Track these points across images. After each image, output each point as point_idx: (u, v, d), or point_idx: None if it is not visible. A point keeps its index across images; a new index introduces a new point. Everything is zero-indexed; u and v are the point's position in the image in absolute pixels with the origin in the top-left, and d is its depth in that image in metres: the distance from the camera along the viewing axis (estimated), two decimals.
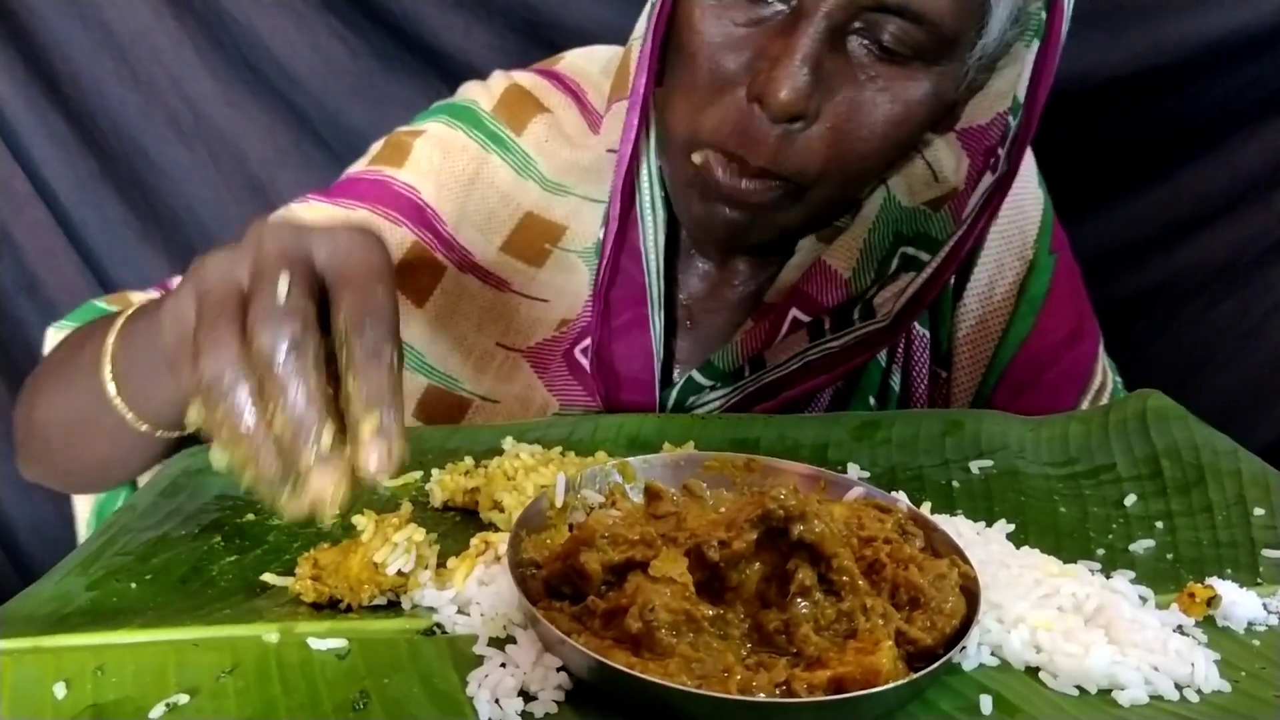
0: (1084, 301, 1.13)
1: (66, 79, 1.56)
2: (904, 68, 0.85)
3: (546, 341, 1.03)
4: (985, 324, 1.08)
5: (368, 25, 1.56)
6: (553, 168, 1.04)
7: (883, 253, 1.03)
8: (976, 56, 0.89)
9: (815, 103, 0.84)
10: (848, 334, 1.02)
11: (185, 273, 0.63)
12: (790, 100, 0.82)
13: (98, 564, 0.71)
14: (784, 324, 1.01)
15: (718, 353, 1.02)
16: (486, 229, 1.03)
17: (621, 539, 0.62)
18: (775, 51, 0.83)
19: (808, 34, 0.81)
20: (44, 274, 1.61)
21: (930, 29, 0.83)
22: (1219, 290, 1.57)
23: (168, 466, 0.87)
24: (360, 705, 0.56)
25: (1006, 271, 1.07)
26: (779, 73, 0.82)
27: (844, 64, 0.84)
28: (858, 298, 1.02)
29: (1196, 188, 1.54)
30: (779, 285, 1.03)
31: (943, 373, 1.09)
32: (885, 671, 0.54)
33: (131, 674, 0.58)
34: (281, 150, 1.61)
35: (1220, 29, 1.43)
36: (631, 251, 0.99)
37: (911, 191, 1.03)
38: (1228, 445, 0.85)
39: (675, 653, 0.56)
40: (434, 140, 1.05)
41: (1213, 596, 0.65)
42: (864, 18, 0.82)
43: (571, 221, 1.03)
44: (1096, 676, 0.58)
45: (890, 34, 0.83)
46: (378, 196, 1.03)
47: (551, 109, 1.06)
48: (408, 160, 1.05)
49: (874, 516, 0.66)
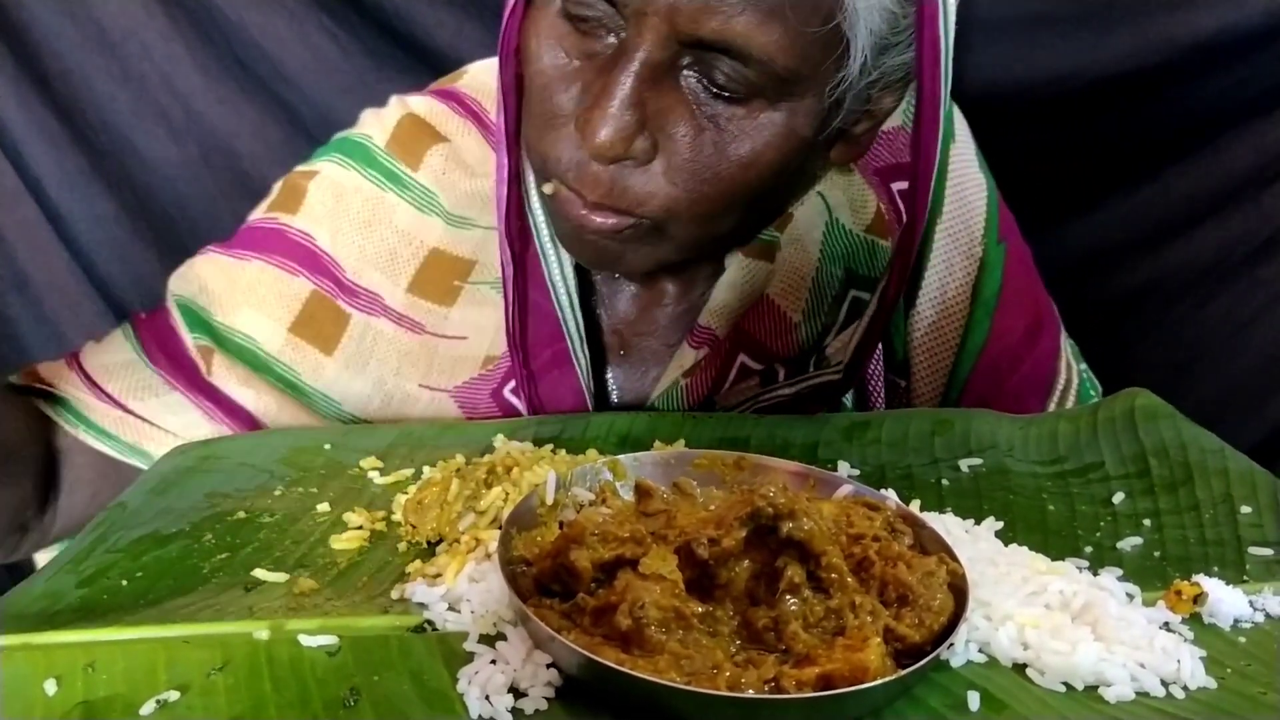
0: (1038, 289, 1.10)
1: (56, 75, 1.55)
2: (743, 105, 0.79)
3: (473, 380, 0.99)
4: (940, 329, 1.04)
5: (359, 22, 1.55)
6: (454, 200, 1.00)
7: (834, 292, 1.00)
8: (844, 87, 0.81)
9: (643, 142, 0.79)
10: (800, 382, 0.99)
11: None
12: (606, 142, 0.77)
13: (88, 561, 0.71)
14: (732, 369, 0.98)
15: (661, 394, 0.99)
16: (390, 270, 1.00)
17: (611, 536, 0.62)
18: (596, 90, 0.78)
19: (628, 72, 0.76)
20: (33, 271, 1.61)
21: (761, 66, 0.76)
22: (1208, 289, 1.57)
23: (158, 464, 0.87)
24: (351, 702, 0.56)
25: (956, 271, 1.04)
26: (595, 113, 0.77)
27: (677, 101, 0.79)
28: (812, 346, 0.99)
29: (1186, 187, 1.55)
30: (713, 307, 0.98)
31: (901, 382, 1.05)
32: (873, 668, 0.55)
33: (122, 671, 0.58)
34: (272, 147, 1.60)
35: (1209, 28, 1.43)
36: (539, 287, 0.96)
37: (854, 205, 1.00)
38: (1215, 444, 0.85)
39: (665, 650, 0.56)
40: (327, 183, 1.01)
41: (1199, 594, 0.65)
42: (693, 55, 0.77)
43: (479, 254, 1.00)
44: (1083, 673, 0.58)
45: (723, 73, 0.77)
46: (273, 246, 1.00)
47: (449, 136, 1.02)
48: (302, 205, 1.01)
49: (863, 514, 0.66)
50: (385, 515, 0.76)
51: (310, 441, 0.88)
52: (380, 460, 0.84)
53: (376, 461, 0.84)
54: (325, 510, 0.77)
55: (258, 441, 0.90)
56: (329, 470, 0.84)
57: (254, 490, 0.81)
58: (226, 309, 1.00)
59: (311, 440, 0.88)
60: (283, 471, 0.83)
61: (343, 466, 0.84)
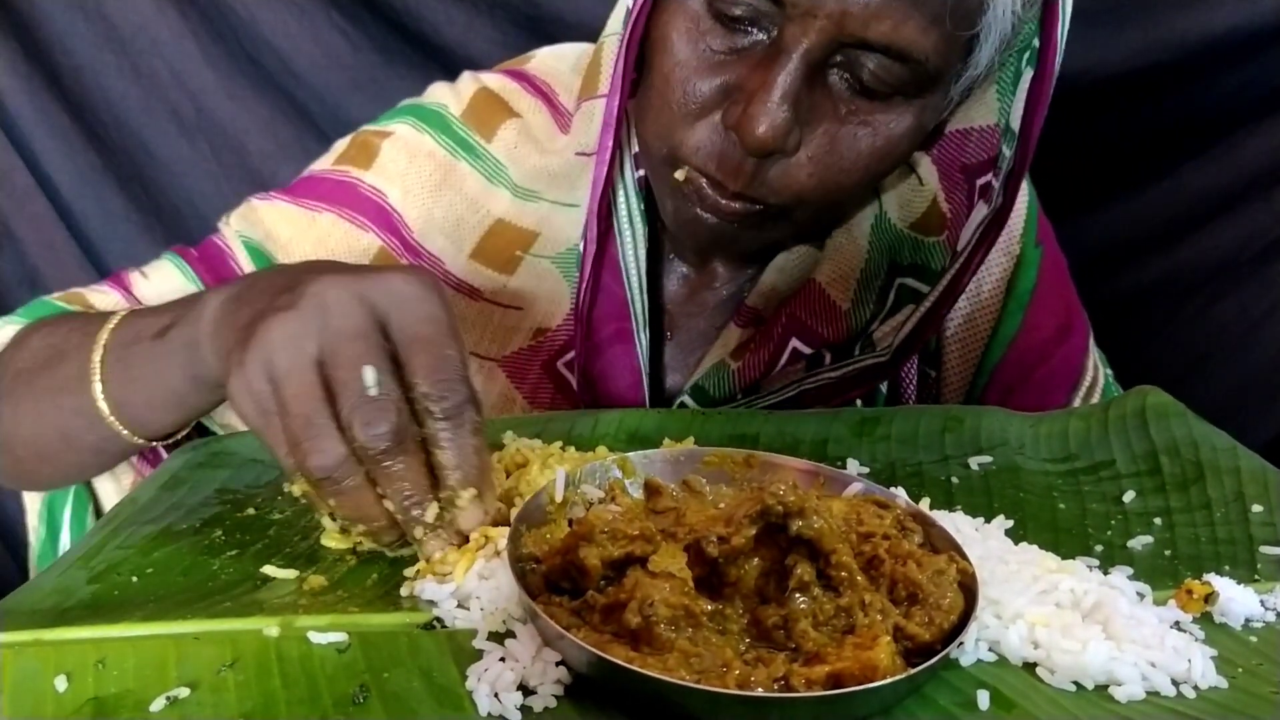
0: (1071, 293, 1.13)
1: (68, 72, 1.56)
2: (885, 103, 0.84)
3: (523, 350, 1.01)
4: (973, 322, 1.07)
5: (369, 19, 1.56)
6: (522, 174, 1.02)
7: (880, 282, 1.02)
8: (963, 86, 0.88)
9: (794, 138, 0.82)
10: (847, 365, 1.01)
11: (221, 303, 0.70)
12: (767, 137, 0.80)
13: (99, 557, 0.71)
14: (784, 354, 1.00)
15: (709, 378, 1.00)
16: (455, 236, 1.02)
17: (621, 534, 0.62)
18: (753, 85, 0.81)
19: (787, 70, 0.80)
20: (44, 267, 1.61)
21: (914, 67, 0.81)
22: (1219, 287, 1.57)
23: (169, 461, 0.87)
24: (360, 699, 0.56)
25: (993, 268, 1.07)
26: (756, 109, 0.80)
27: (824, 98, 0.83)
28: (859, 332, 1.01)
29: (1197, 185, 1.54)
30: (761, 289, 1.02)
31: (931, 372, 1.08)
32: (883, 667, 0.54)
33: (132, 667, 0.58)
34: (282, 144, 1.61)
35: (1221, 26, 1.43)
36: (611, 267, 0.98)
37: (901, 203, 1.02)
38: (1227, 442, 0.85)
39: (674, 647, 0.56)
40: (401, 143, 1.03)
41: (1210, 593, 0.65)
42: (844, 53, 0.81)
43: (543, 228, 1.01)
44: (1094, 672, 0.58)
45: (871, 71, 0.81)
46: (343, 198, 1.02)
47: (521, 113, 1.04)
48: (375, 162, 1.03)
49: (873, 512, 0.66)
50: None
51: None
52: None
53: None
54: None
55: None
56: None
57: (265, 487, 0.81)
58: (295, 257, 1.01)
59: None
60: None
61: None
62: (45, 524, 1.03)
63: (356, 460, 0.62)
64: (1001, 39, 0.84)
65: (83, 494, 1.01)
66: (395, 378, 0.62)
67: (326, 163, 1.06)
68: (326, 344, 0.62)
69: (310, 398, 0.61)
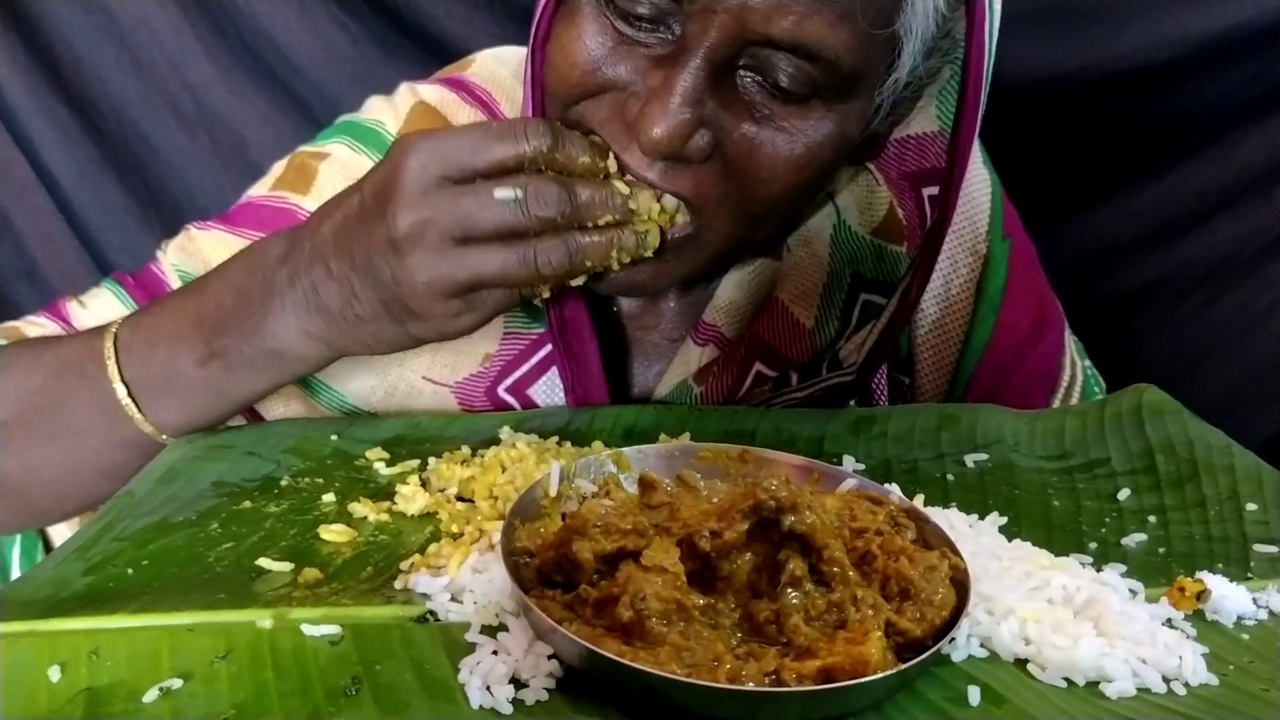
0: (1043, 284, 1.10)
1: (68, 65, 1.56)
2: (801, 106, 0.79)
3: (472, 377, 0.98)
4: (944, 325, 1.04)
5: (368, 12, 1.56)
6: None
7: (843, 296, 0.99)
8: (889, 92, 0.83)
9: (701, 140, 0.78)
10: (813, 385, 0.99)
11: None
12: (663, 139, 0.76)
13: (95, 549, 0.71)
14: (748, 377, 0.98)
15: (673, 397, 0.98)
16: None
17: (614, 528, 0.62)
18: (653, 84, 0.77)
19: (689, 69, 0.76)
20: (44, 259, 1.62)
21: (826, 66, 0.76)
22: (1217, 286, 1.57)
23: (165, 453, 0.87)
24: (352, 691, 0.56)
25: (960, 268, 1.04)
26: (653, 107, 0.76)
27: (735, 102, 0.79)
28: (825, 350, 0.99)
29: (1196, 183, 1.54)
30: (719, 304, 0.98)
31: (905, 379, 1.05)
32: (874, 662, 0.55)
33: (125, 658, 0.59)
34: (281, 137, 1.60)
35: (1221, 24, 1.43)
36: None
37: (861, 206, 1.00)
38: (1222, 440, 0.85)
39: (666, 642, 0.56)
40: (339, 165, 1.00)
41: (1202, 590, 0.65)
42: (752, 54, 0.77)
43: None
44: (1085, 668, 0.58)
45: (784, 72, 0.77)
46: (283, 225, 0.96)
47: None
48: (312, 186, 1.00)
49: (866, 508, 0.66)
50: (389, 506, 0.76)
51: (316, 432, 0.88)
52: (386, 451, 0.84)
53: (382, 453, 0.84)
54: (330, 501, 0.77)
55: (264, 431, 0.91)
56: (335, 461, 0.84)
57: (260, 480, 0.81)
58: None
59: (318, 431, 0.88)
60: (289, 462, 0.84)
61: (349, 457, 0.85)
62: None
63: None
64: (924, 40, 0.80)
65: (31, 533, 1.00)
66: (500, 179, 0.73)
67: (264, 188, 1.04)
68: (458, 231, 0.75)
69: (499, 255, 0.76)
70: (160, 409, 0.85)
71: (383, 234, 0.76)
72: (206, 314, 0.84)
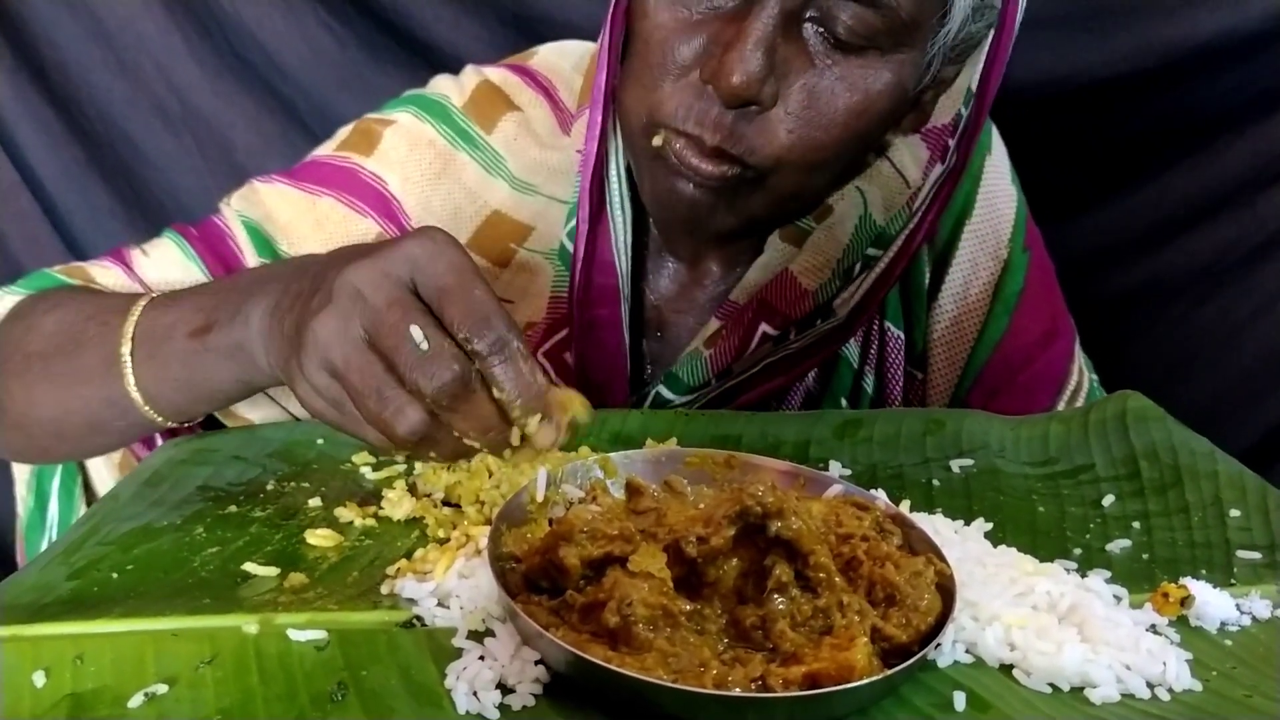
0: (1058, 299, 1.14)
1: (53, 66, 1.55)
2: (860, 56, 0.85)
3: None
4: (960, 324, 1.08)
5: (355, 16, 1.55)
6: (521, 166, 1.03)
7: (848, 265, 1.02)
8: (939, 46, 0.88)
9: (770, 88, 0.83)
10: (806, 335, 1.02)
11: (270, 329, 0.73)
12: (742, 84, 0.82)
13: (79, 553, 0.71)
14: (754, 339, 1.00)
15: (684, 366, 1.01)
16: (452, 226, 1.01)
17: (601, 534, 0.62)
18: (728, 36, 0.83)
19: (761, 19, 0.81)
20: (29, 262, 1.60)
21: (886, 14, 0.83)
22: (1203, 291, 1.57)
23: (151, 457, 0.87)
24: (338, 696, 0.56)
25: (981, 271, 1.08)
26: (731, 56, 0.82)
27: (800, 51, 0.85)
28: (824, 305, 1.02)
29: (1182, 189, 1.55)
30: (745, 285, 1.02)
31: (918, 374, 1.09)
32: (860, 668, 0.55)
33: (110, 663, 0.59)
34: (268, 139, 1.60)
35: (1208, 31, 1.43)
36: (602, 252, 0.99)
37: (886, 203, 1.02)
38: (1205, 447, 0.86)
39: (652, 647, 0.56)
40: (403, 131, 1.04)
41: (1186, 596, 0.66)
42: (818, 4, 0.83)
43: (538, 222, 1.02)
44: (1069, 674, 0.59)
45: (844, 22, 0.83)
46: (343, 184, 1.02)
47: (522, 107, 1.05)
48: (376, 149, 1.03)
49: (852, 514, 0.66)
50: (375, 510, 0.76)
51: (302, 436, 0.88)
52: (372, 455, 0.84)
53: (368, 457, 0.84)
54: (316, 505, 0.77)
55: (250, 436, 0.90)
56: (321, 465, 0.84)
57: (246, 484, 0.81)
58: (294, 240, 1.01)
59: (304, 435, 0.88)
60: (275, 466, 0.84)
61: (334, 461, 0.85)
62: (34, 494, 1.03)
63: (433, 415, 0.65)
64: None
65: (71, 465, 1.02)
66: (440, 330, 0.65)
67: (329, 148, 1.07)
68: (369, 323, 0.65)
69: (372, 374, 0.65)
70: (144, 370, 0.83)
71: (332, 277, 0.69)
72: (225, 289, 0.84)
